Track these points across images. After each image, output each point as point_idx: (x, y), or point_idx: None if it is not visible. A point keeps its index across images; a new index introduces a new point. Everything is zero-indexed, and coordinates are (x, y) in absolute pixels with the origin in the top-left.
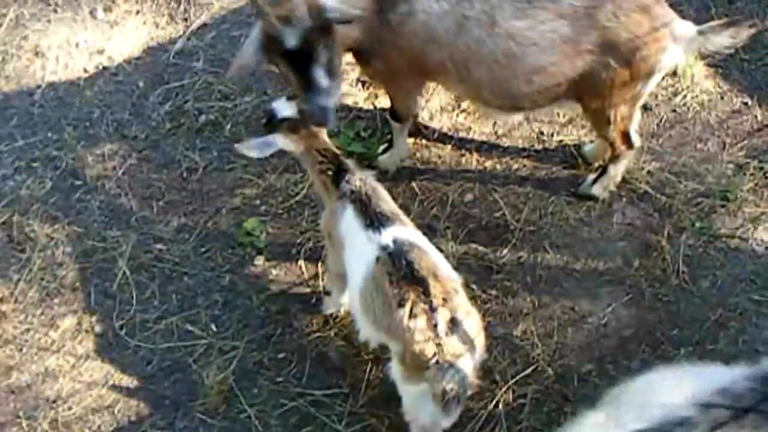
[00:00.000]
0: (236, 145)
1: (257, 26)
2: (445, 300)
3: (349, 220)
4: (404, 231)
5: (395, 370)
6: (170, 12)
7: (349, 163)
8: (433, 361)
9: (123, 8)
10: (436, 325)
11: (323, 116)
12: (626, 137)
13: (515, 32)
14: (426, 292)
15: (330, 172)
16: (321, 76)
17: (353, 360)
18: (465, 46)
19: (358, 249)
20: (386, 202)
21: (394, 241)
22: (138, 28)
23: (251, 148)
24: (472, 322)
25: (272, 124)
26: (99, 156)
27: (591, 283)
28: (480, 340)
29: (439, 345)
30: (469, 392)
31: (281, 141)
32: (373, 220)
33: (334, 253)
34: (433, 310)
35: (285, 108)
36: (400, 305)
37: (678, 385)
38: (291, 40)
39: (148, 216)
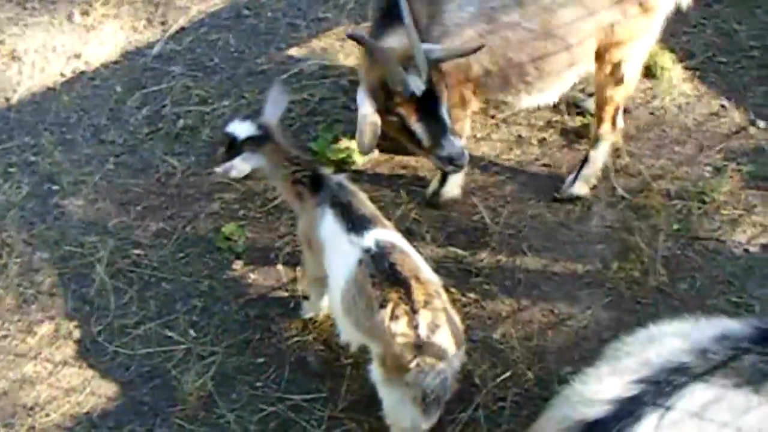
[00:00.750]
0: (216, 170)
1: (362, 89)
2: (426, 302)
3: (329, 225)
4: (386, 233)
5: (376, 372)
6: (148, 16)
7: (323, 168)
8: (414, 363)
9: (100, 12)
10: (417, 327)
11: (463, 157)
12: (616, 115)
13: (547, 4)
14: (408, 294)
15: (306, 179)
16: (448, 116)
17: (333, 364)
18: (502, 40)
19: (340, 252)
20: (366, 205)
21: (377, 244)
22: (115, 32)
23: (226, 171)
24: (453, 325)
25: (235, 146)
26: (76, 161)
27: (570, 286)
28: (461, 343)
29: (419, 347)
30: (449, 395)
31: (250, 160)
32: (355, 223)
33: (313, 258)
34: (414, 311)
35: (243, 129)
36: (382, 306)
37: (677, 335)
38: (418, 86)
39: (125, 221)
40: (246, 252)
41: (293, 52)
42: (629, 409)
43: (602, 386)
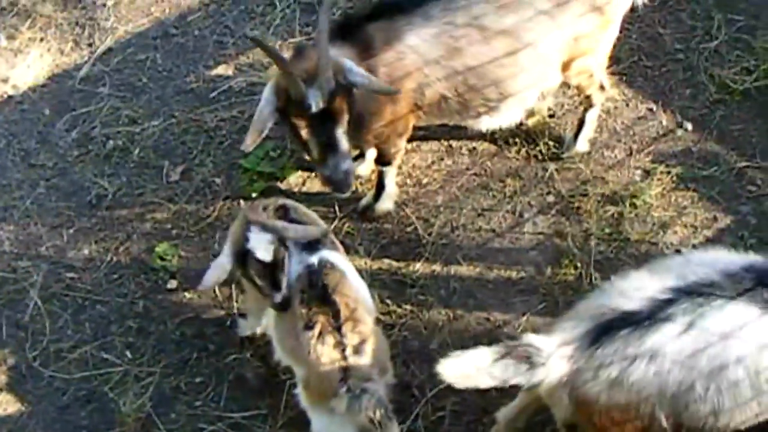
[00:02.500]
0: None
1: (270, 85)
2: (353, 323)
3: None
4: (331, 254)
5: (300, 395)
6: (74, 38)
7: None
8: (343, 389)
9: (27, 35)
10: (344, 349)
11: (345, 181)
12: (601, 83)
13: (508, 27)
14: (336, 316)
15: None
16: (342, 139)
17: (271, 381)
18: (462, 66)
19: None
20: (317, 223)
21: (319, 262)
22: (42, 55)
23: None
24: (380, 348)
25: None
26: (6, 186)
27: (505, 293)
28: (386, 368)
29: (346, 369)
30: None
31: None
32: (309, 244)
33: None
34: (340, 333)
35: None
36: (308, 328)
37: (710, 261)
38: (316, 103)
39: (58, 245)
40: (180, 271)
41: (221, 69)
42: (663, 309)
43: (641, 285)
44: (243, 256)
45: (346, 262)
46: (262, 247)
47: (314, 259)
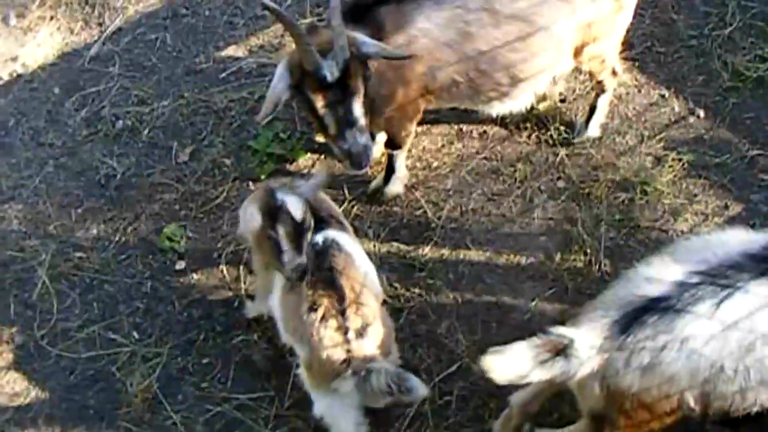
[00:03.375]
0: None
1: (284, 61)
2: (357, 307)
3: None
4: (337, 234)
5: (303, 376)
6: (84, 17)
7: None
8: (348, 372)
9: (36, 14)
10: (346, 332)
11: (364, 156)
12: (614, 68)
13: (520, 11)
14: (340, 299)
15: None
16: (360, 113)
17: (278, 363)
18: (474, 51)
19: None
20: (329, 207)
21: (324, 241)
22: (52, 34)
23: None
24: (384, 332)
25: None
26: (15, 165)
27: (514, 279)
28: (388, 351)
29: (349, 351)
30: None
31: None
32: (315, 223)
33: (262, 263)
34: (344, 316)
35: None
36: (312, 309)
37: (731, 242)
38: (331, 73)
39: (66, 224)
40: (188, 252)
41: (231, 50)
42: (690, 293)
43: (665, 271)
44: (272, 215)
45: (353, 243)
46: (294, 205)
47: (319, 238)
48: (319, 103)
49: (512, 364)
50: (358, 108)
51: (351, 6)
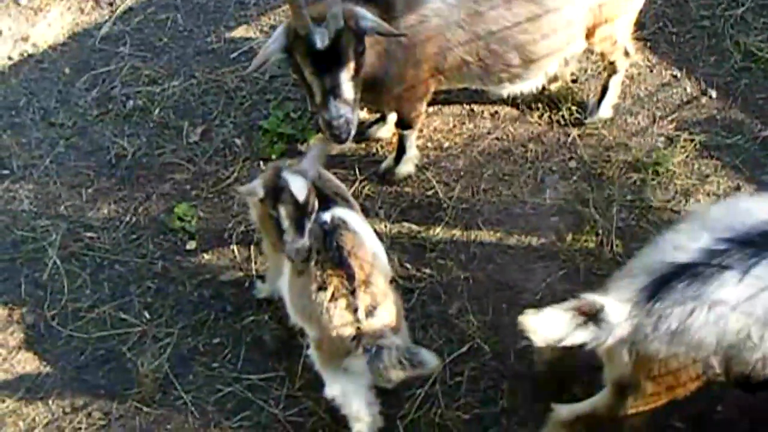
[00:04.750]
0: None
1: (282, 25)
2: (366, 285)
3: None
4: (345, 212)
5: (313, 355)
6: None
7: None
8: (359, 350)
9: None
10: (356, 310)
11: (344, 129)
12: (626, 48)
13: None
14: (350, 278)
15: None
16: (347, 85)
17: (289, 343)
18: (485, 31)
19: None
20: (334, 185)
21: (332, 219)
22: (63, 13)
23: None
24: (393, 308)
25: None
26: (26, 144)
27: (525, 259)
28: (399, 328)
29: (358, 329)
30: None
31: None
32: (321, 202)
33: (277, 258)
34: (353, 295)
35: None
36: (321, 289)
37: (760, 209)
38: (321, 39)
39: (77, 204)
40: (199, 232)
41: (242, 30)
42: (717, 259)
43: (693, 237)
44: (275, 194)
45: (361, 220)
46: (297, 184)
47: (326, 217)
48: (307, 69)
49: (551, 325)
50: (345, 80)
51: None
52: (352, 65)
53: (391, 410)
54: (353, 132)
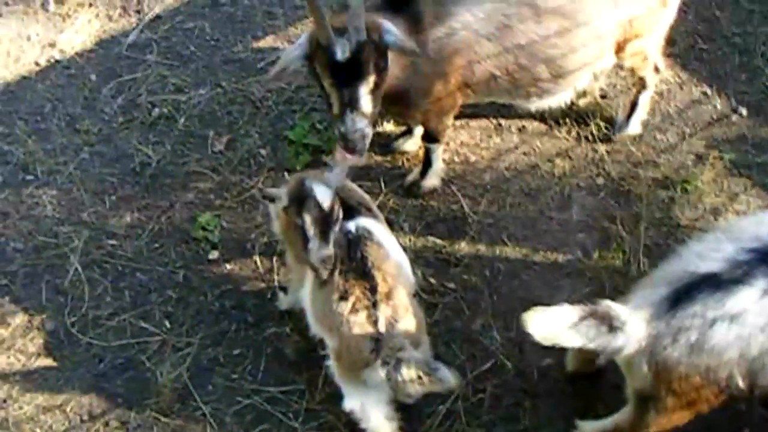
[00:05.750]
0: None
1: (306, 33)
2: (388, 297)
3: None
4: (369, 222)
5: (332, 367)
6: (123, 4)
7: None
8: (378, 361)
9: (75, 0)
10: (376, 322)
11: (359, 142)
12: (656, 66)
13: (561, 6)
14: (372, 290)
15: None
16: (366, 98)
17: (310, 356)
18: (514, 45)
19: None
20: (358, 195)
21: (356, 229)
22: (90, 20)
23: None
24: (414, 321)
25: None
26: (51, 150)
27: (550, 276)
28: (419, 341)
29: (378, 341)
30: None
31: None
32: (346, 211)
33: (300, 270)
34: (375, 307)
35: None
36: (343, 299)
37: None
38: (342, 51)
39: (100, 211)
40: (222, 242)
41: (270, 40)
42: (742, 270)
43: (717, 247)
44: (300, 202)
45: (385, 231)
46: (321, 192)
47: (351, 226)
48: (327, 80)
49: (552, 322)
50: (364, 93)
51: None
52: (372, 79)
53: (411, 426)
54: (367, 146)
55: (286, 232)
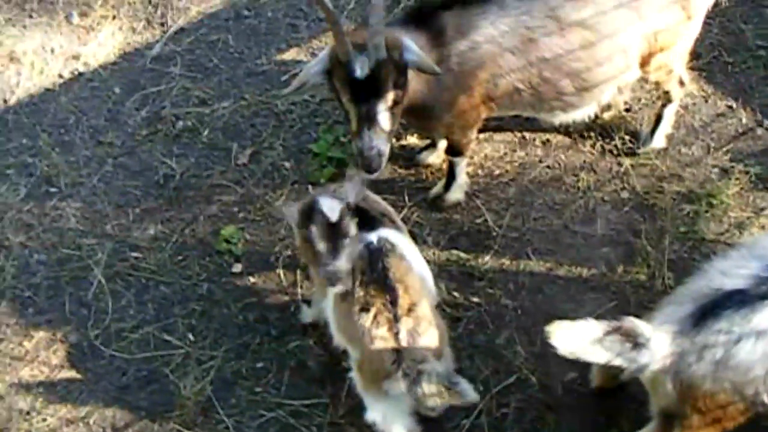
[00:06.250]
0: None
1: (327, 48)
2: (410, 310)
3: None
4: (391, 234)
5: (355, 378)
6: (147, 16)
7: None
8: (399, 372)
9: (99, 13)
10: (397, 334)
11: (374, 160)
12: (681, 79)
13: (586, 19)
14: (393, 302)
15: None
16: (384, 115)
17: (333, 369)
18: (538, 58)
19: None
20: (381, 206)
21: (378, 241)
22: (114, 33)
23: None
24: (436, 333)
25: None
26: (74, 163)
27: (574, 290)
28: (440, 354)
29: (399, 353)
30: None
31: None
32: (368, 222)
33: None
34: (396, 319)
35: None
36: (364, 310)
37: None
38: (361, 68)
39: (124, 224)
40: (245, 255)
41: (293, 52)
42: (766, 285)
43: (741, 264)
44: (309, 215)
45: (407, 242)
46: (328, 205)
47: (373, 237)
48: (345, 96)
49: (576, 336)
50: (382, 110)
51: (415, 9)
52: (390, 96)
53: None
54: (384, 164)
55: (303, 248)
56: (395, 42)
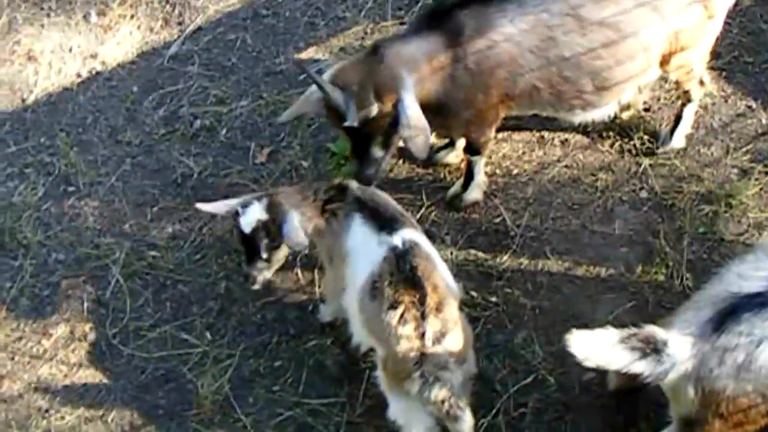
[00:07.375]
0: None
1: (329, 75)
2: (437, 310)
3: (357, 230)
4: (413, 234)
5: (379, 377)
6: (165, 16)
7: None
8: (417, 373)
9: (117, 12)
10: (423, 335)
11: (368, 181)
12: (701, 79)
13: (606, 18)
14: (421, 300)
15: (334, 199)
16: (375, 150)
17: (351, 368)
18: (557, 57)
19: (366, 253)
20: (393, 205)
21: (403, 243)
22: (132, 32)
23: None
24: (463, 336)
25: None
26: (92, 162)
27: (593, 290)
28: (465, 356)
29: (423, 354)
30: (466, 400)
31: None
32: (386, 223)
33: (334, 271)
34: (423, 318)
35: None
36: (393, 308)
37: None
38: (352, 119)
39: (142, 223)
40: None
41: (311, 51)
42: None
43: (759, 266)
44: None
45: (427, 242)
46: (247, 214)
47: (397, 240)
48: (338, 129)
49: (595, 343)
50: (373, 148)
51: (431, 11)
52: (381, 140)
53: None
54: (381, 176)
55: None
56: (392, 96)
